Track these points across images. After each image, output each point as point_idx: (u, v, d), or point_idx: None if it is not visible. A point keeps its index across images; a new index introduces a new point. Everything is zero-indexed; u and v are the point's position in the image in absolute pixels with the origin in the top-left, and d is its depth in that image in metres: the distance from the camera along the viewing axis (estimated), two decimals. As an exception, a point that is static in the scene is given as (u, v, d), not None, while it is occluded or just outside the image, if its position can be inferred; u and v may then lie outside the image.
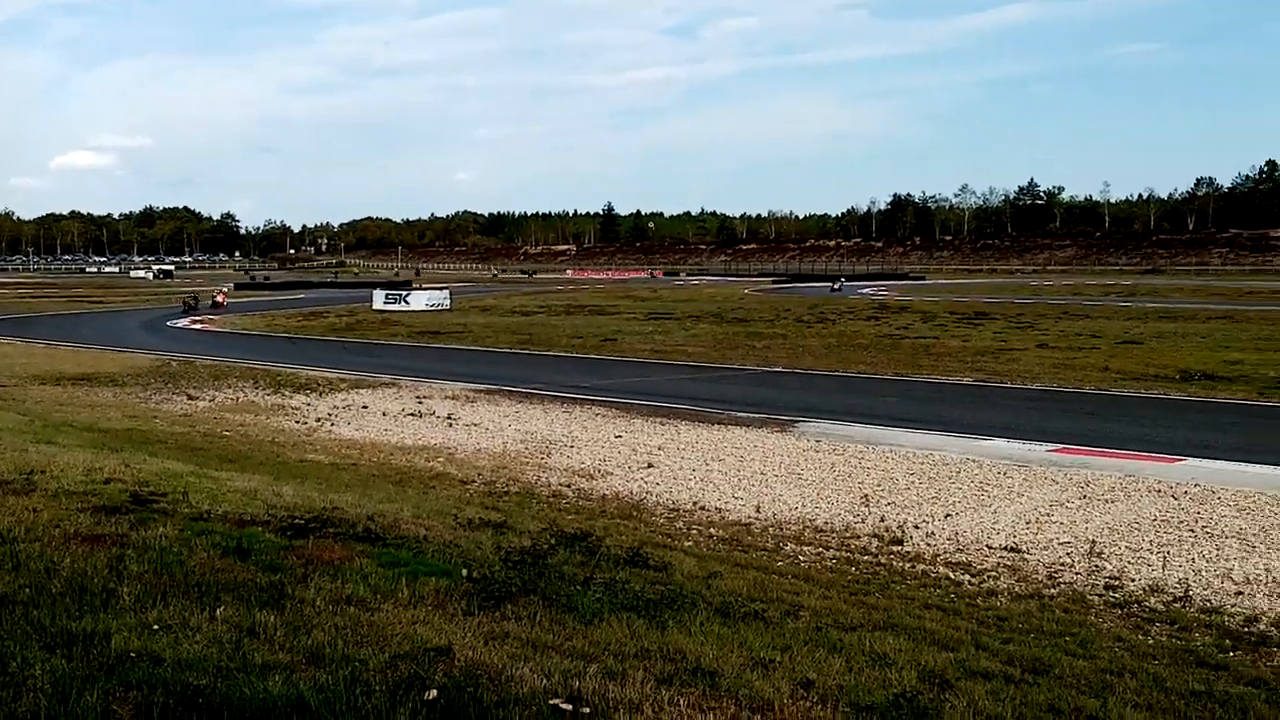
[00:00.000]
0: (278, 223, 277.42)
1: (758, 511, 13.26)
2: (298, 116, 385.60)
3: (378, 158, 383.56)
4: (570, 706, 4.69)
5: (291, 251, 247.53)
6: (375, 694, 4.64)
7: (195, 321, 52.60)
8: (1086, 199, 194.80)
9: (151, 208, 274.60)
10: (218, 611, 5.74)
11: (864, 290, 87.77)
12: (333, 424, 20.57)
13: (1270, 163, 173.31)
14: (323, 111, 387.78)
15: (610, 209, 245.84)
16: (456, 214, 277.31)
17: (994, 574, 10.60)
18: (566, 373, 29.91)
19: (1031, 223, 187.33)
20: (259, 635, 5.40)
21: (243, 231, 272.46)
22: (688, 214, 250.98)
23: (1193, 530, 12.09)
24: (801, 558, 11.14)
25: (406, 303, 63.72)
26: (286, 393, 24.99)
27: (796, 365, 30.93)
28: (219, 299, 68.37)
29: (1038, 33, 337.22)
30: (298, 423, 20.78)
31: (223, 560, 6.98)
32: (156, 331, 47.35)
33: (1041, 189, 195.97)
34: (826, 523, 12.74)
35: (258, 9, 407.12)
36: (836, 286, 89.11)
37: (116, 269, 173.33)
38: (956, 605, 9.26)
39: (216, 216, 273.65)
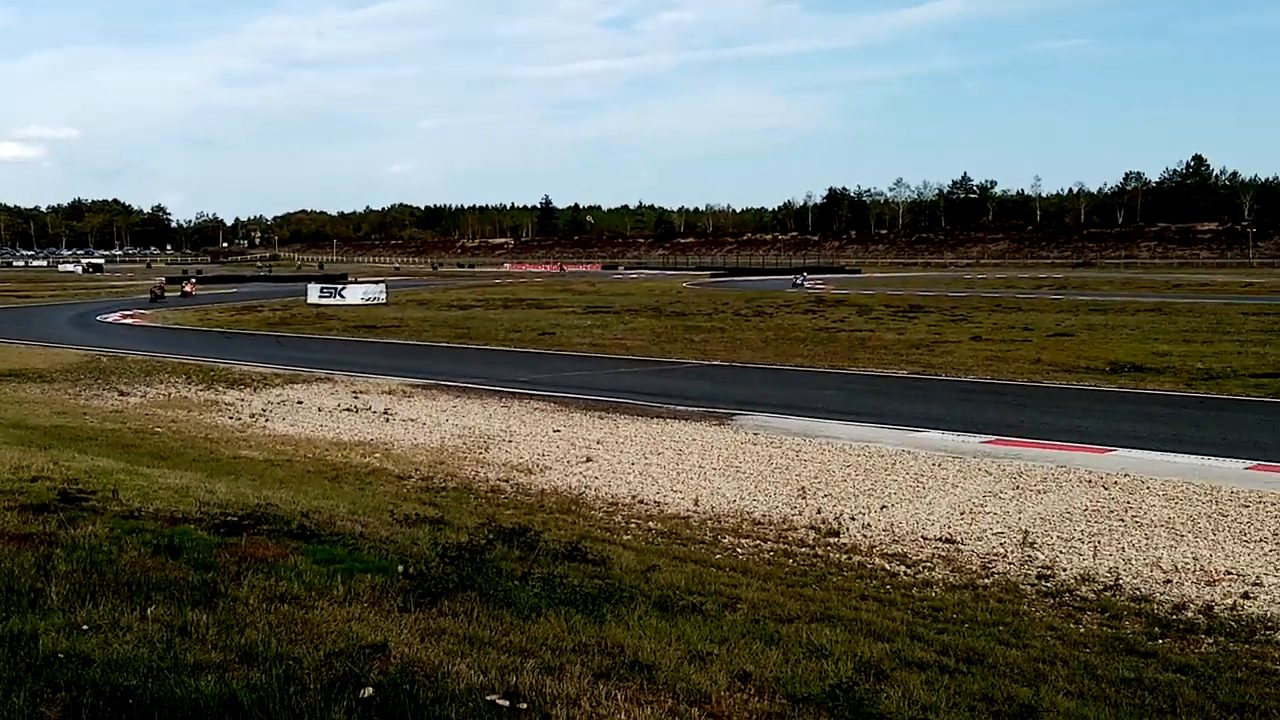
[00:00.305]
0: (210, 215, 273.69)
1: (696, 505, 13.30)
2: (230, 107, 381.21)
3: (312, 150, 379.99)
4: (507, 702, 4.67)
5: (224, 245, 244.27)
6: (309, 692, 4.59)
7: (126, 316, 51.81)
8: (1019, 193, 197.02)
9: (80, 200, 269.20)
10: (148, 610, 5.66)
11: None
12: (267, 420, 20.35)
13: (1196, 158, 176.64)
14: (255, 103, 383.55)
15: (548, 202, 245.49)
16: (392, 206, 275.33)
17: (929, 565, 10.71)
18: (504, 367, 29.82)
19: (965, 216, 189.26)
20: (191, 634, 5.33)
21: (174, 224, 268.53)
22: (626, 207, 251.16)
23: (1123, 520, 12.30)
24: (739, 550, 11.19)
25: (342, 296, 63.16)
26: (220, 388, 24.69)
27: (734, 359, 31.05)
28: (188, 289, 72.47)
29: (969, 28, 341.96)
30: (231, 418, 20.54)
31: (154, 559, 6.88)
32: (86, 327, 46.54)
33: (974, 183, 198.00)
34: (764, 515, 12.80)
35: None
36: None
37: (45, 262, 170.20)
38: (892, 596, 9.35)
39: (147, 209, 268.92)
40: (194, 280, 79.98)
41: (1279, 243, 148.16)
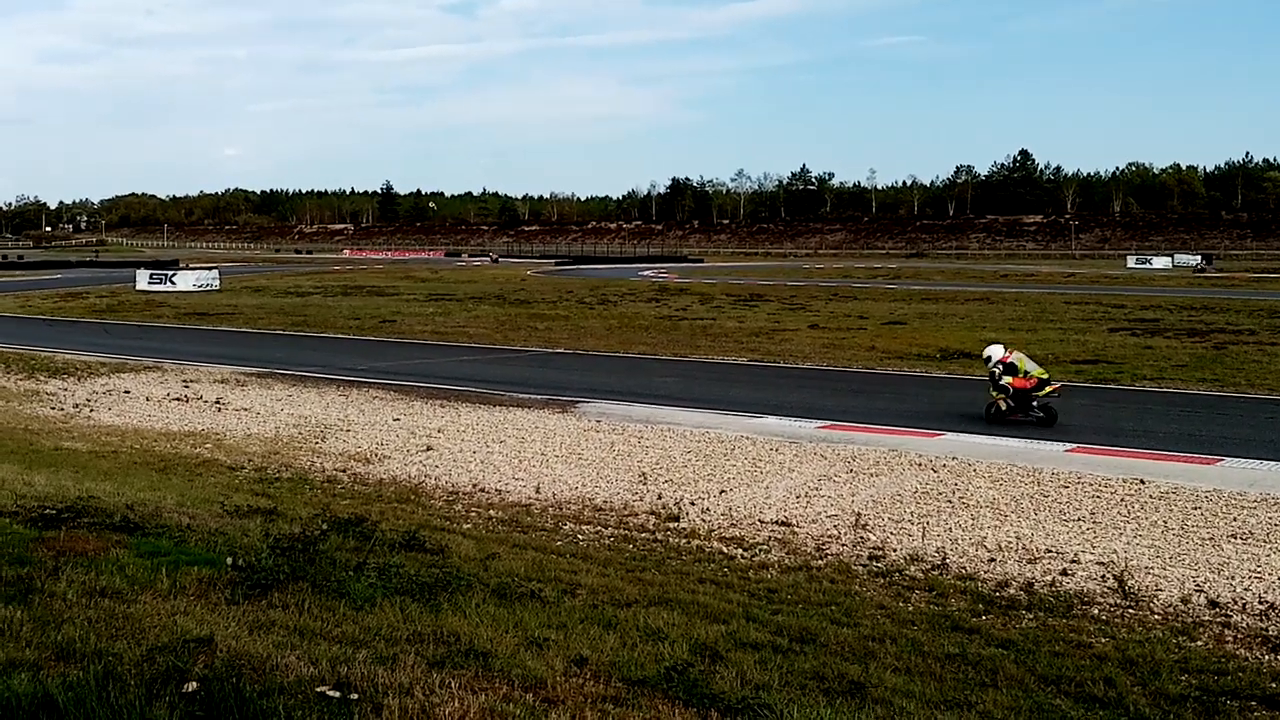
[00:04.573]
0: (32, 199, 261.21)
1: (538, 492, 13.28)
2: (54, 88, 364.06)
3: (141, 132, 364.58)
4: (338, 693, 4.60)
5: (48, 229, 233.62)
6: (130, 689, 4.44)
7: (-62, 303, 49.27)
8: (855, 185, 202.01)
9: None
10: (-44, 609, 5.40)
11: (645, 273, 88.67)
12: (92, 410, 19.57)
13: (1023, 152, 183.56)
14: (81, 82, 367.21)
15: (389, 188, 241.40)
16: (227, 191, 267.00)
17: (765, 547, 10.90)
18: (343, 355, 29.26)
19: (804, 207, 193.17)
20: (3, 632, 5.11)
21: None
22: (469, 194, 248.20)
23: (950, 501, 12.70)
24: (580, 537, 11.21)
25: (173, 283, 61.11)
26: (41, 377, 23.64)
27: (578, 347, 31.06)
28: None
29: (805, 24, 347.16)
30: (54, 409, 19.69)
31: (-37, 555, 6.57)
32: (-106, 313, 44.08)
33: (813, 175, 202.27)
34: (605, 501, 12.85)
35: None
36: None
37: None
38: (729, 579, 9.48)
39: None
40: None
41: (1099, 235, 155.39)
